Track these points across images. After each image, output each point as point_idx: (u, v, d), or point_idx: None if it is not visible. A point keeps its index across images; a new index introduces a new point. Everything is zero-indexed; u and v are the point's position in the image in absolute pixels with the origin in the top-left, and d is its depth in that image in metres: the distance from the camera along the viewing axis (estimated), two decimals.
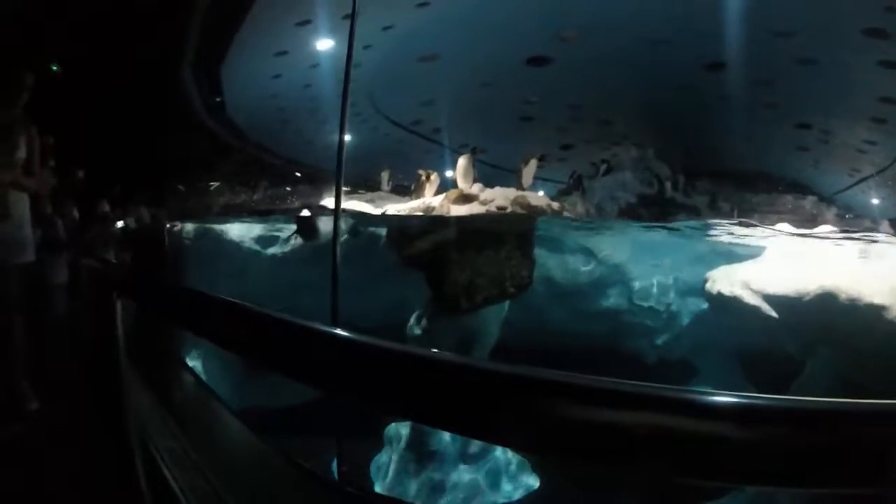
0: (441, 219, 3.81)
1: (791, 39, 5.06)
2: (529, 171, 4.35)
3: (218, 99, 6.06)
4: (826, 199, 6.46)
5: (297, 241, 4.86)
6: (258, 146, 5.99)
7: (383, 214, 4.02)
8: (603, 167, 4.54)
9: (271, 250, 5.29)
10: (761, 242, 4.14)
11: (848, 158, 6.03)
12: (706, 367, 4.67)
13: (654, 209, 4.83)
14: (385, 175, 5.33)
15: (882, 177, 6.19)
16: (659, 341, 4.88)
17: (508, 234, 3.88)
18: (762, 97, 5.13)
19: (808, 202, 5.89)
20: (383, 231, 4.50)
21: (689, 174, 5.51)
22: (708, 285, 3.98)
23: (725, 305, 3.83)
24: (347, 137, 5.57)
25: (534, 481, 4.10)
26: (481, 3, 4.53)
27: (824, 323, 3.38)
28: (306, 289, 3.69)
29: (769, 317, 3.62)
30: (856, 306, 3.23)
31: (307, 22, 5.08)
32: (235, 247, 5.39)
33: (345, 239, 4.20)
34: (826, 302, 3.33)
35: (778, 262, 3.77)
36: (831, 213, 6.15)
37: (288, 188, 5.42)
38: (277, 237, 5.39)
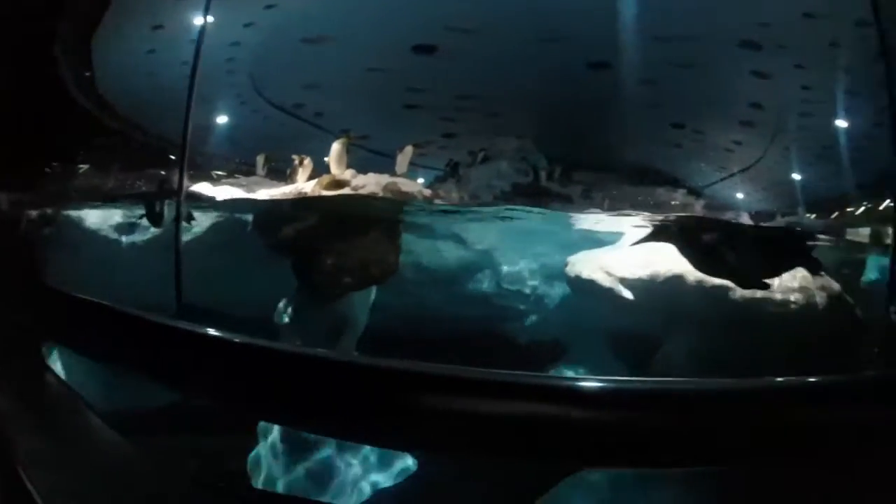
0: (306, 203, 3.75)
1: (671, 44, 5.27)
2: (405, 158, 4.32)
3: (88, 74, 5.75)
4: (694, 193, 6.79)
5: (152, 228, 4.65)
6: (132, 126, 5.74)
7: (235, 199, 3.88)
8: (480, 155, 4.59)
9: (138, 238, 5.05)
10: (624, 230, 4.34)
11: (717, 157, 6.37)
12: (576, 346, 4.85)
13: (529, 198, 4.93)
14: (260, 159, 5.17)
15: (746, 174, 6.57)
16: (529, 323, 5.02)
17: (375, 219, 3.85)
18: (642, 96, 5.33)
19: (679, 195, 6.18)
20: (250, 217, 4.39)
21: (565, 165, 5.66)
22: (568, 269, 4.13)
23: (584, 288, 3.99)
24: (225, 119, 5.40)
25: (412, 464, 4.12)
26: None
27: (676, 304, 3.57)
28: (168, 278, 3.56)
29: (624, 298, 3.79)
30: (703, 288, 3.42)
31: None
32: (100, 235, 5.11)
33: (209, 226, 4.05)
34: (676, 285, 3.51)
35: (634, 248, 3.95)
36: (699, 205, 6.48)
37: (163, 171, 5.21)
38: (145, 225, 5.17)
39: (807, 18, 4.53)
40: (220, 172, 5.57)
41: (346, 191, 3.83)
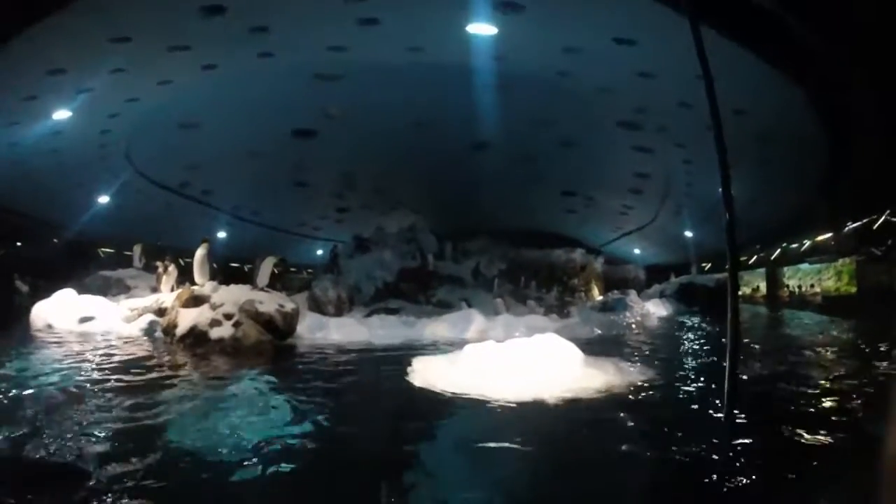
0: None
1: (552, 127, 5.33)
2: (265, 270, 4.25)
3: None
4: (594, 252, 6.85)
5: None
6: None
7: None
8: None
9: None
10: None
11: (611, 219, 6.55)
12: None
13: (414, 284, 4.89)
14: (137, 249, 5.01)
15: (641, 233, 6.74)
16: None
17: None
18: (528, 172, 5.39)
19: (577, 254, 6.28)
20: None
21: (455, 244, 5.61)
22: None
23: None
24: (106, 200, 5.22)
25: None
26: (225, 80, 4.35)
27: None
28: None
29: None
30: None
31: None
32: None
33: None
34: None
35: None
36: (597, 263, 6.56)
37: None
38: None
39: (684, 108, 4.59)
40: (106, 249, 5.36)
41: (204, 308, 3.72)
